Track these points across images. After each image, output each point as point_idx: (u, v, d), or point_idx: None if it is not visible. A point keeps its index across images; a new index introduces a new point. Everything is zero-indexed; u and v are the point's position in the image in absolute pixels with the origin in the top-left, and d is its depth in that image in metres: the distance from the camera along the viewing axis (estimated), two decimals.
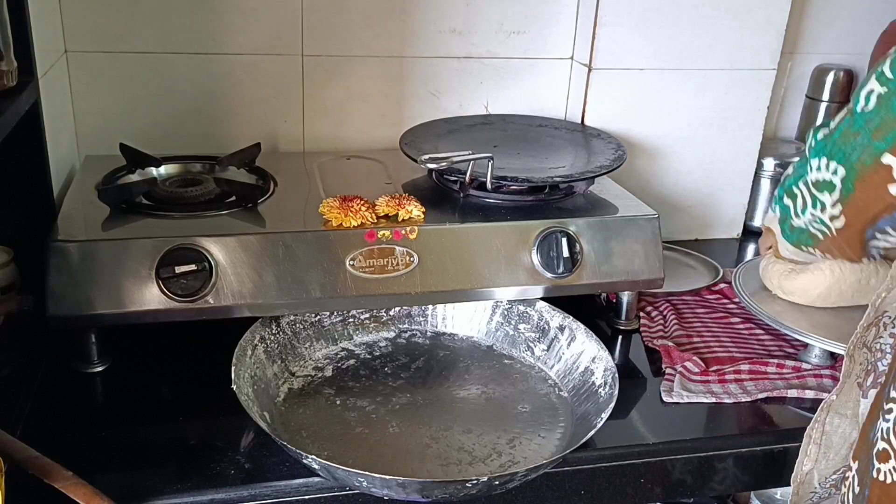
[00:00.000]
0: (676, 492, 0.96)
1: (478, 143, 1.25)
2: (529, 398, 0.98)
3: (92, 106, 1.26)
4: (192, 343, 1.03)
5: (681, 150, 1.42)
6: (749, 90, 1.41)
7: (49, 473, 0.72)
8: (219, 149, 1.27)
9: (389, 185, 1.17)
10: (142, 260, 0.93)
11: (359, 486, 0.81)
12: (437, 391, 0.99)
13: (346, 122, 1.38)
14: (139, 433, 0.90)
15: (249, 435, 0.89)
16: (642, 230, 1.11)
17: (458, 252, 1.04)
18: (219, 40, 1.27)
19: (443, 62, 1.38)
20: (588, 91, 1.35)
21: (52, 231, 0.95)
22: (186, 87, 1.29)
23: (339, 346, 1.06)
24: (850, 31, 1.55)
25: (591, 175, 1.15)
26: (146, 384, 0.98)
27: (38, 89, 0.93)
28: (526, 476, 0.82)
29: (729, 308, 1.23)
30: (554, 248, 1.05)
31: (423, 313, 1.12)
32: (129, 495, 0.78)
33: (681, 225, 1.47)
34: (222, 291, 0.95)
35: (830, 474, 0.89)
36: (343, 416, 0.93)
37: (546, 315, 1.07)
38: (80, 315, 0.92)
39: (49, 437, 0.82)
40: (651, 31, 1.33)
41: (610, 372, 0.94)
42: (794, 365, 1.07)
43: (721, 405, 1.00)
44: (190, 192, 1.08)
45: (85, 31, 1.22)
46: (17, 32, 0.87)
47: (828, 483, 0.90)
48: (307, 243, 0.99)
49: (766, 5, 1.35)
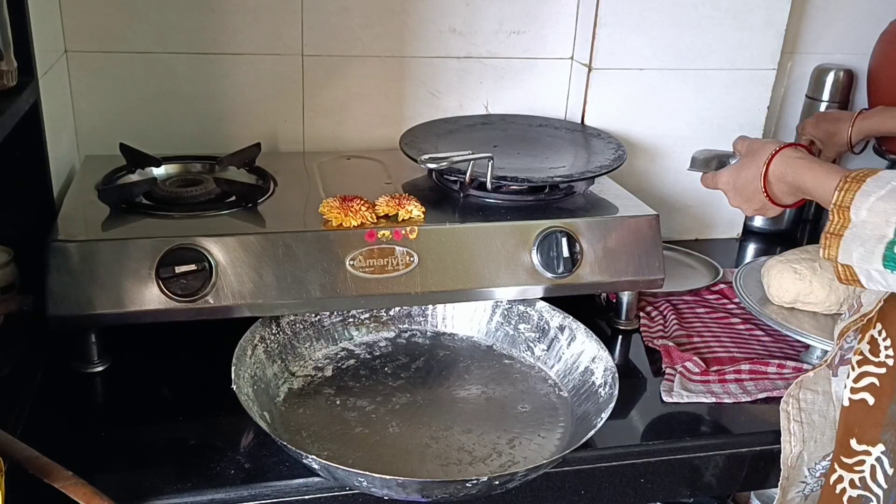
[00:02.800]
0: (676, 492, 0.96)
1: (478, 143, 1.25)
2: (529, 398, 0.98)
3: (92, 106, 1.26)
4: (192, 343, 1.03)
5: (681, 150, 1.42)
6: (749, 90, 1.41)
7: (49, 473, 0.72)
8: (219, 149, 1.27)
9: (389, 185, 1.17)
10: (142, 260, 0.93)
11: (359, 486, 0.81)
12: (437, 391, 0.99)
13: (346, 122, 1.38)
14: (139, 433, 0.90)
15: (249, 435, 0.89)
16: (642, 230, 1.11)
17: (458, 252, 1.04)
18: (219, 40, 1.27)
19: (443, 62, 1.38)
20: (588, 91, 1.35)
21: (52, 231, 0.95)
22: (186, 87, 1.29)
23: (339, 346, 1.06)
24: (850, 31, 1.55)
25: (591, 175, 1.15)
26: (146, 384, 0.98)
27: (38, 89, 0.93)
28: (526, 476, 0.82)
29: (729, 308, 1.23)
30: (554, 248, 1.05)
31: (423, 313, 1.12)
32: (129, 495, 0.78)
33: (681, 225, 1.47)
34: (222, 291, 0.95)
35: (819, 459, 0.91)
36: (343, 416, 0.93)
37: (546, 315, 1.07)
38: (80, 315, 0.92)
39: (49, 437, 0.82)
40: (651, 31, 1.33)
41: (610, 372, 0.94)
42: (794, 365, 1.07)
43: (721, 405, 1.00)
44: (190, 192, 1.08)
45: (85, 31, 1.22)
46: (17, 32, 0.87)
47: (817, 472, 0.92)
48: (307, 243, 0.99)
49: (766, 5, 1.36)
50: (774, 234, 1.54)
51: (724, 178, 1.00)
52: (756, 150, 0.96)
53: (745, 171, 0.96)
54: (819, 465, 0.92)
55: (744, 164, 0.97)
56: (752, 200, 0.96)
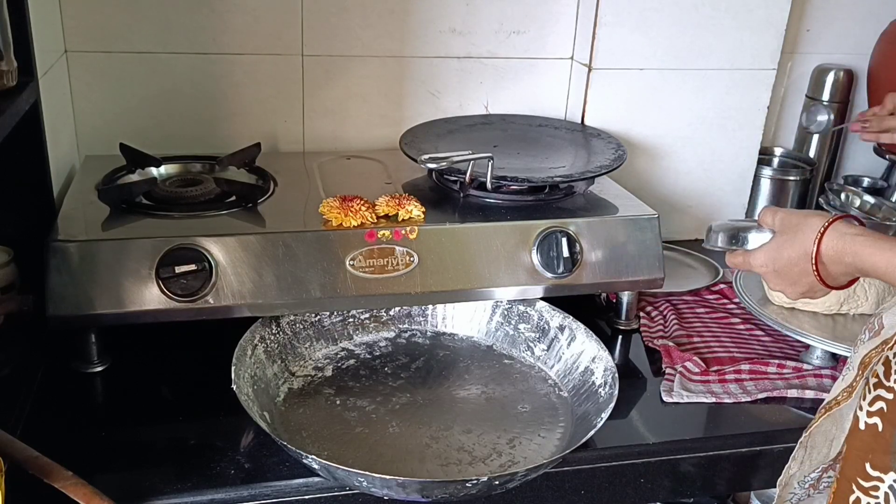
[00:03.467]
0: (676, 492, 0.96)
1: (478, 143, 1.25)
2: (529, 398, 0.98)
3: (92, 106, 1.26)
4: (192, 343, 1.03)
5: (681, 150, 1.42)
6: (749, 90, 1.41)
7: (49, 473, 0.72)
8: (219, 149, 1.27)
9: (389, 185, 1.17)
10: (142, 260, 0.93)
11: (359, 486, 0.81)
12: (437, 391, 0.99)
13: (346, 122, 1.38)
14: (139, 433, 0.90)
15: (249, 435, 0.89)
16: (642, 230, 1.11)
17: (458, 252, 1.04)
18: (219, 40, 1.27)
19: (443, 62, 1.38)
20: (588, 91, 1.35)
21: (52, 231, 0.95)
22: (186, 87, 1.29)
23: (339, 346, 1.06)
24: (850, 31, 1.55)
25: (591, 175, 1.15)
26: (146, 384, 0.98)
27: (38, 89, 0.93)
28: (526, 476, 0.82)
29: (729, 308, 1.23)
30: (554, 248, 1.05)
31: (423, 313, 1.12)
32: (129, 495, 0.78)
33: (681, 225, 1.47)
34: (222, 291, 0.95)
35: (809, 473, 0.89)
36: (343, 416, 0.93)
37: (546, 315, 1.07)
38: (80, 315, 0.92)
39: (49, 437, 0.82)
40: (651, 31, 1.33)
41: (610, 372, 0.94)
42: (794, 365, 1.07)
43: (721, 405, 1.00)
44: (190, 192, 1.08)
45: (85, 31, 1.22)
46: (17, 32, 0.87)
47: (806, 483, 0.90)
48: (307, 243, 0.99)
49: (766, 5, 1.35)
50: None
51: (760, 260, 0.87)
52: (796, 225, 0.83)
53: (788, 251, 0.83)
54: (808, 477, 0.91)
55: (783, 242, 0.84)
56: (799, 283, 0.84)
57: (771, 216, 0.87)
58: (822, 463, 0.87)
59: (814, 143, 1.58)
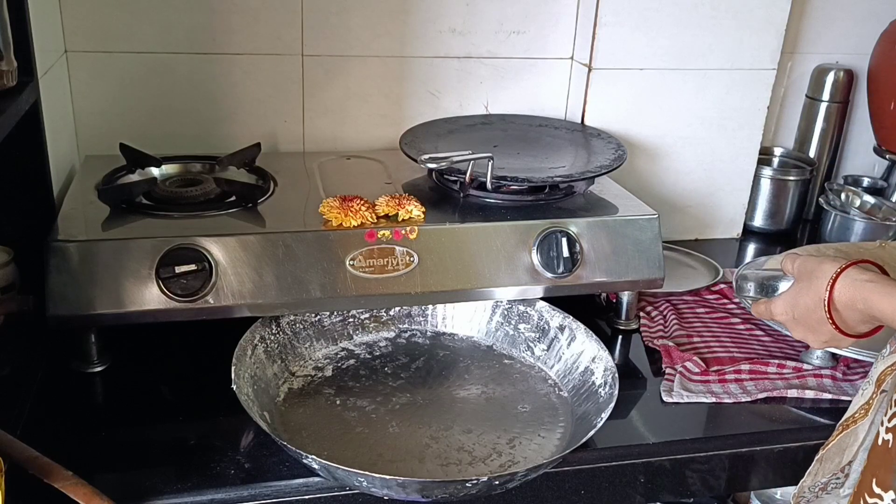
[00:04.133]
0: (676, 492, 0.96)
1: (478, 143, 1.25)
2: (529, 398, 0.98)
3: (92, 106, 1.26)
4: (192, 343, 1.03)
5: (681, 150, 1.42)
6: (749, 90, 1.41)
7: (49, 473, 0.72)
8: (219, 149, 1.27)
9: (389, 185, 1.17)
10: (142, 260, 0.93)
11: (359, 486, 0.81)
12: (437, 391, 0.99)
13: (346, 122, 1.38)
14: (139, 433, 0.90)
15: (249, 435, 0.89)
16: (642, 230, 1.11)
17: (458, 252, 1.04)
18: (219, 40, 1.27)
19: (443, 62, 1.38)
20: (588, 91, 1.35)
21: (52, 231, 0.95)
22: (186, 87, 1.29)
23: (339, 346, 1.06)
24: (850, 31, 1.55)
25: (591, 175, 1.15)
26: (146, 384, 0.98)
27: (38, 89, 0.93)
28: (526, 476, 0.82)
29: (729, 308, 1.23)
30: (554, 248, 1.05)
31: (423, 313, 1.12)
32: (129, 495, 0.78)
33: (681, 225, 1.47)
34: (222, 291, 0.95)
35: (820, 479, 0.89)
36: (343, 416, 0.93)
37: (546, 315, 1.07)
38: (80, 315, 0.92)
39: (49, 437, 0.82)
40: (651, 31, 1.33)
41: (610, 372, 0.94)
42: (794, 365, 1.07)
43: (721, 405, 1.00)
44: (190, 192, 1.08)
45: (85, 31, 1.22)
46: (17, 32, 0.87)
47: (816, 487, 0.90)
48: (307, 243, 0.99)
49: (766, 5, 1.36)
50: (774, 233, 1.54)
51: (780, 308, 0.86)
52: (811, 271, 0.82)
53: (804, 298, 0.82)
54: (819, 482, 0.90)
55: (800, 289, 0.82)
56: (819, 332, 0.82)
57: (791, 263, 0.86)
58: (833, 471, 0.87)
59: (814, 143, 1.58)
